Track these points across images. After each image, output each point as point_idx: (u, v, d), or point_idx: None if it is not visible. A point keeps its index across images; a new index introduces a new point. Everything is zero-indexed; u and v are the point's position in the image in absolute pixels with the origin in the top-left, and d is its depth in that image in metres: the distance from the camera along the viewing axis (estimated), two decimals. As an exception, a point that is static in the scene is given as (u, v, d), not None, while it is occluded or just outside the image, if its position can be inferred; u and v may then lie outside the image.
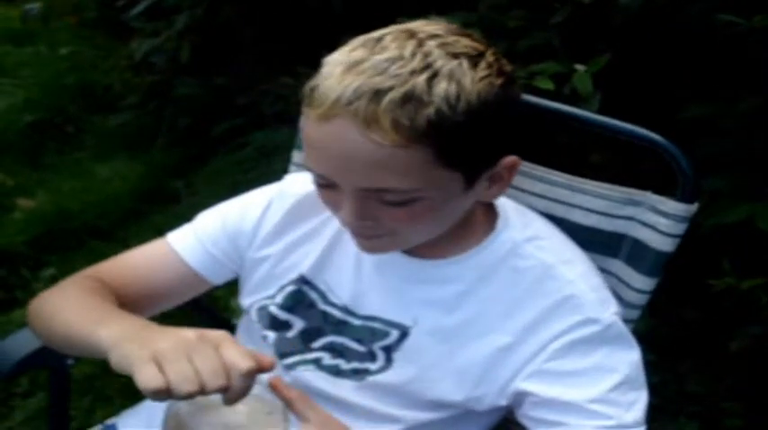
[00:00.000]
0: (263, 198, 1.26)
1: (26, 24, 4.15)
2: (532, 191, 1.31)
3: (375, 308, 1.18)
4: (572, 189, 1.28)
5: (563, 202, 1.28)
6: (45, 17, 4.01)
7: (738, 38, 1.73)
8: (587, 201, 1.27)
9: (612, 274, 1.27)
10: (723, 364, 2.25)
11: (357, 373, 1.18)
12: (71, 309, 1.10)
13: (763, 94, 1.87)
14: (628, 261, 1.25)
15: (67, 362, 1.41)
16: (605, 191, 1.26)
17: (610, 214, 1.26)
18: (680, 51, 1.99)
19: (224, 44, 3.58)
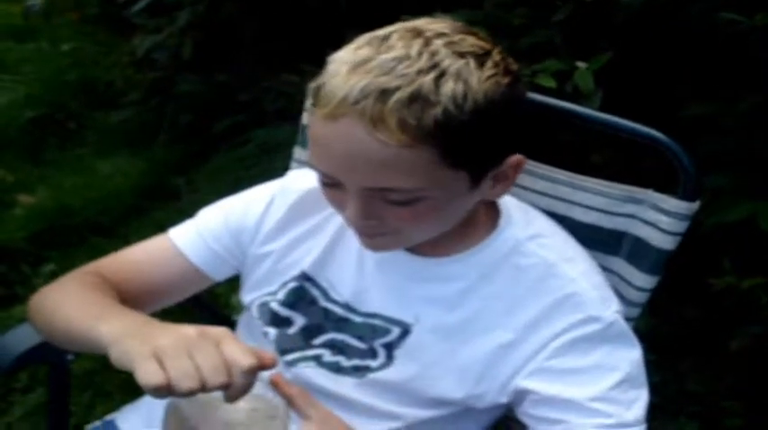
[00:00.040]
0: (265, 194, 1.25)
1: (28, 20, 4.15)
2: (534, 188, 1.30)
3: (377, 305, 1.18)
4: (573, 186, 1.28)
5: (564, 200, 1.28)
6: (47, 13, 4.02)
7: (740, 36, 1.73)
8: (588, 199, 1.27)
9: (614, 272, 1.27)
10: (723, 363, 2.25)
11: (358, 370, 1.18)
12: (72, 304, 1.10)
13: (764, 92, 1.87)
14: (629, 259, 1.25)
15: (67, 358, 1.41)
16: (606, 188, 1.26)
17: (610, 212, 1.26)
18: (681, 49, 1.99)
19: (226, 41, 3.58)
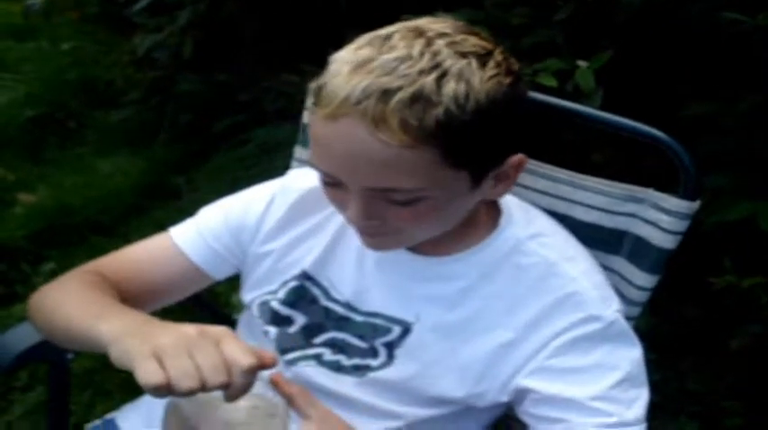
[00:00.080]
0: (266, 193, 1.25)
1: (28, 20, 4.15)
2: (535, 187, 1.30)
3: (377, 304, 1.17)
4: (574, 185, 1.28)
5: (565, 199, 1.28)
6: (47, 12, 4.02)
7: (741, 36, 1.73)
8: (589, 198, 1.27)
9: (614, 271, 1.27)
10: (723, 363, 2.25)
11: (358, 369, 1.18)
12: (72, 303, 1.10)
13: (765, 92, 1.87)
14: (629, 258, 1.25)
15: (67, 357, 1.41)
16: (607, 188, 1.26)
17: (611, 211, 1.26)
18: (681, 49, 1.99)
19: (226, 40, 3.59)
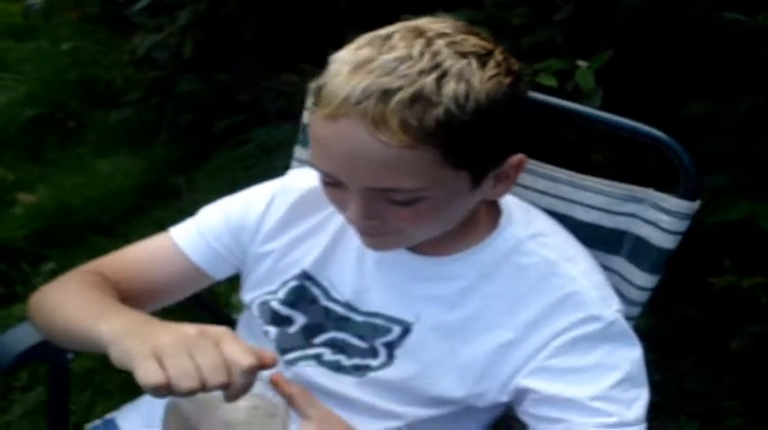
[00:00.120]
0: (266, 193, 1.25)
1: (28, 20, 4.15)
2: (535, 187, 1.30)
3: (377, 304, 1.17)
4: (574, 185, 1.28)
5: (565, 199, 1.28)
6: (47, 12, 4.02)
7: (741, 36, 1.73)
8: (589, 198, 1.27)
9: (614, 271, 1.27)
10: (723, 363, 2.25)
11: (358, 369, 1.18)
12: (72, 303, 1.10)
13: (765, 92, 1.87)
14: (630, 258, 1.25)
15: (67, 357, 1.41)
16: (607, 188, 1.26)
17: (611, 211, 1.25)
18: (682, 49, 1.98)
19: (226, 40, 3.58)
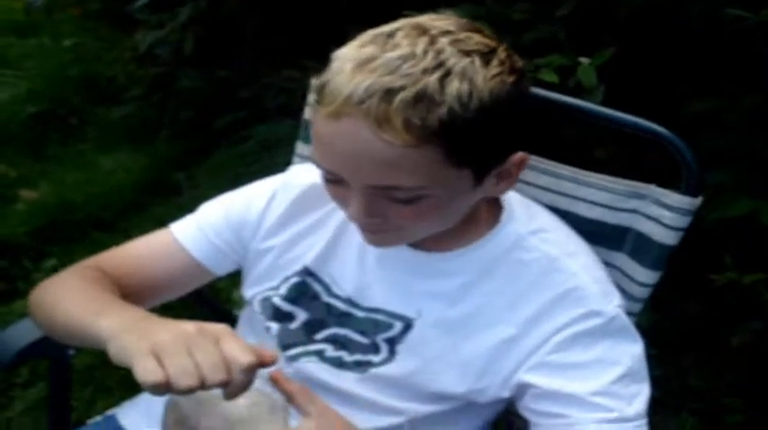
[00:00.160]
0: (267, 189, 1.25)
1: (30, 16, 4.14)
2: (537, 183, 1.30)
3: (379, 300, 1.17)
4: (577, 182, 1.28)
5: (567, 195, 1.28)
6: (49, 9, 4.00)
7: (744, 33, 1.72)
8: (591, 194, 1.27)
9: (616, 268, 1.27)
10: (724, 359, 2.25)
11: (360, 365, 1.18)
12: (72, 299, 1.10)
13: (766, 90, 1.86)
14: (631, 254, 1.25)
15: (68, 353, 1.41)
16: (609, 184, 1.26)
17: (614, 207, 1.25)
18: (684, 45, 1.98)
19: (227, 37, 3.58)
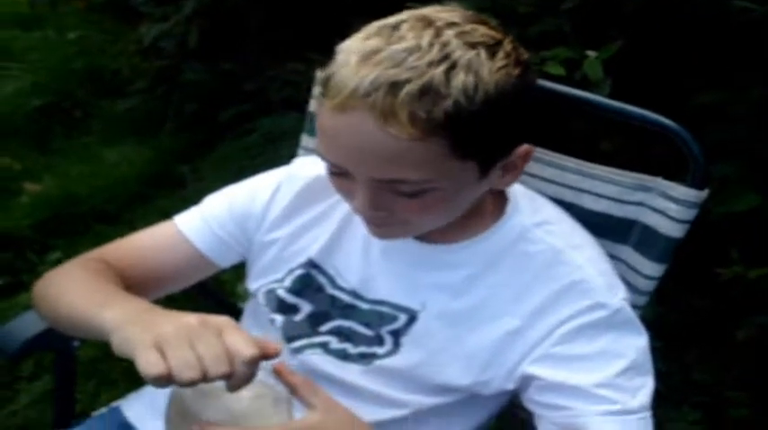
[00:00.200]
0: (272, 181, 1.25)
1: (34, 9, 4.15)
2: (542, 176, 1.30)
3: (383, 292, 1.17)
4: (582, 174, 1.27)
5: (573, 188, 1.28)
6: (53, 1, 4.02)
7: (751, 25, 1.72)
8: (597, 187, 1.26)
9: (622, 261, 1.26)
10: (729, 354, 2.24)
11: (364, 357, 1.17)
12: (75, 290, 1.10)
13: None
14: (637, 247, 1.25)
15: (73, 344, 1.41)
16: (616, 176, 1.25)
17: (620, 200, 1.25)
18: (691, 38, 1.97)
19: (232, 29, 3.58)
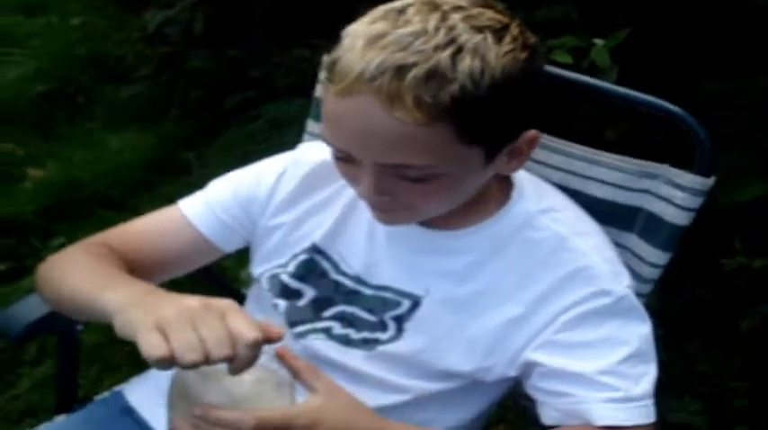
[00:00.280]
0: (277, 166, 1.25)
1: (37, -6, 4.14)
2: (548, 163, 1.29)
3: (387, 277, 1.17)
4: (588, 161, 1.27)
5: (579, 175, 1.27)
6: (57, -13, 4.01)
7: (758, 13, 1.71)
8: (603, 174, 1.26)
9: (627, 248, 1.26)
10: (733, 344, 2.24)
11: (367, 343, 1.17)
12: (78, 274, 1.10)
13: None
14: (642, 234, 1.24)
15: (77, 328, 1.41)
16: (621, 163, 1.25)
17: (625, 187, 1.25)
18: (698, 26, 1.97)
19: (237, 16, 3.57)
